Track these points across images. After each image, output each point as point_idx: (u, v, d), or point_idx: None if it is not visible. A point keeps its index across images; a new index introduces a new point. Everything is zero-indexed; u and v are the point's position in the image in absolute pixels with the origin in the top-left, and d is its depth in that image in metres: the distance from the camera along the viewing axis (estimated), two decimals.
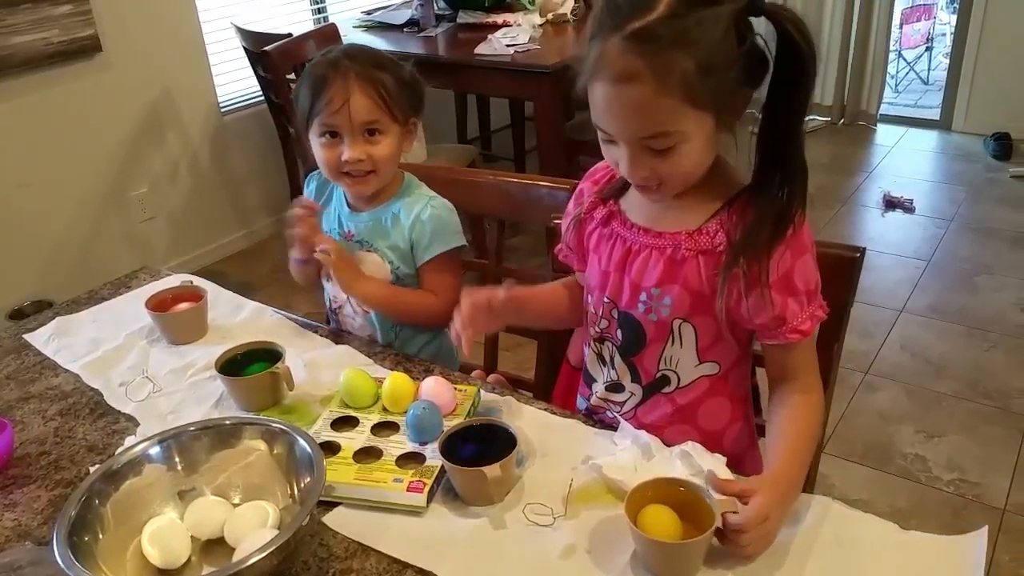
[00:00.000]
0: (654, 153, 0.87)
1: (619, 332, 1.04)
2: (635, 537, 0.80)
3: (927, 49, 5.22)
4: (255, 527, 0.86)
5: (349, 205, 1.34)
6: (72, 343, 1.30)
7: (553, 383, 1.55)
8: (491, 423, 0.96)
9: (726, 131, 0.89)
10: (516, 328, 1.63)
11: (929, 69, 5.20)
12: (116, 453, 0.92)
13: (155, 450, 0.90)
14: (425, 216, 1.29)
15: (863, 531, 0.85)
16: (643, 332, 1.02)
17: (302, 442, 0.88)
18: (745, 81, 0.86)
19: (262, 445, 0.91)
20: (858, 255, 1.16)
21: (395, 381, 1.05)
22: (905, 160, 4.02)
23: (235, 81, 3.34)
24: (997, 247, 3.13)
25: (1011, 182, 3.62)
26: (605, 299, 1.04)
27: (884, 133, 4.33)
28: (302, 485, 0.87)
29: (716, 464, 0.91)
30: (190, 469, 0.91)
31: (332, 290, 1.37)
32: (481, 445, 0.94)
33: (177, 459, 0.91)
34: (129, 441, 1.03)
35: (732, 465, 0.93)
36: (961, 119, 4.10)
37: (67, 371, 1.23)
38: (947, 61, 4.27)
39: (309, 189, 1.40)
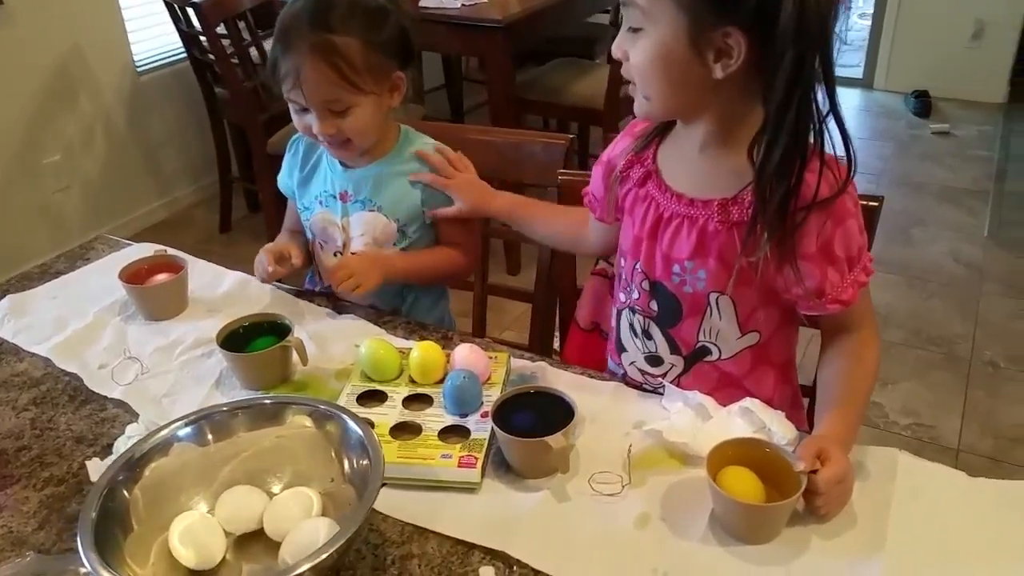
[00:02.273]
0: (631, 32, 0.86)
1: (653, 304, 1.00)
2: (719, 500, 0.77)
3: (846, 9, 5.36)
4: (299, 517, 0.78)
5: (342, 163, 1.23)
6: (32, 323, 1.15)
7: (549, 345, 1.50)
8: (544, 390, 0.90)
9: (700, 59, 0.81)
10: (505, 290, 1.57)
11: (846, 29, 5.34)
12: (139, 440, 0.81)
13: (184, 431, 0.80)
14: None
15: (934, 481, 0.84)
16: (679, 304, 0.98)
17: (349, 421, 0.80)
18: (725, 9, 0.78)
19: (307, 421, 0.82)
20: (876, 204, 1.16)
21: (425, 351, 0.97)
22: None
23: (152, 38, 3.09)
24: (926, 200, 3.25)
25: (933, 138, 3.77)
26: (637, 267, 0.99)
27: None
28: (354, 466, 0.79)
29: (777, 419, 0.88)
30: (220, 454, 0.82)
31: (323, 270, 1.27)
32: (531, 415, 0.88)
33: (210, 438, 0.82)
34: (131, 429, 0.92)
35: None
36: (883, 78, 4.23)
37: (32, 355, 1.09)
38: (863, 22, 4.37)
39: (294, 151, 1.28)
